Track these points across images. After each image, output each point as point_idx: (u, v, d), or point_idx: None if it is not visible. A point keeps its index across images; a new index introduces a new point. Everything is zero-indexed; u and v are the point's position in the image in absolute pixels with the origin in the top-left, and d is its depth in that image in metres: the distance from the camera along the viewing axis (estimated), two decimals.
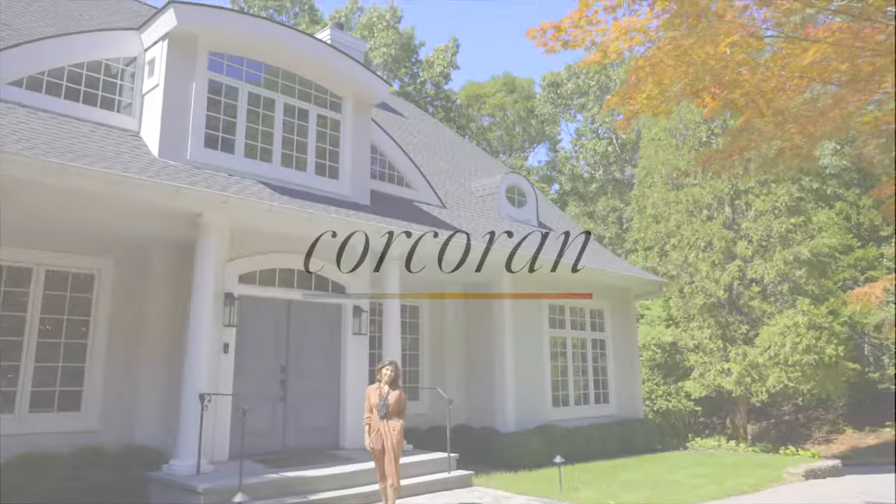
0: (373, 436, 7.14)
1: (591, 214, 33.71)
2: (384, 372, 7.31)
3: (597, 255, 16.12)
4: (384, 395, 7.18)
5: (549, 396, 13.33)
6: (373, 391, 7.31)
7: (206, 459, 8.05)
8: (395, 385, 7.33)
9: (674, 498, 8.74)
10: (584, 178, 35.77)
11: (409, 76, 35.85)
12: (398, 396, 7.27)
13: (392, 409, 7.20)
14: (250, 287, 9.36)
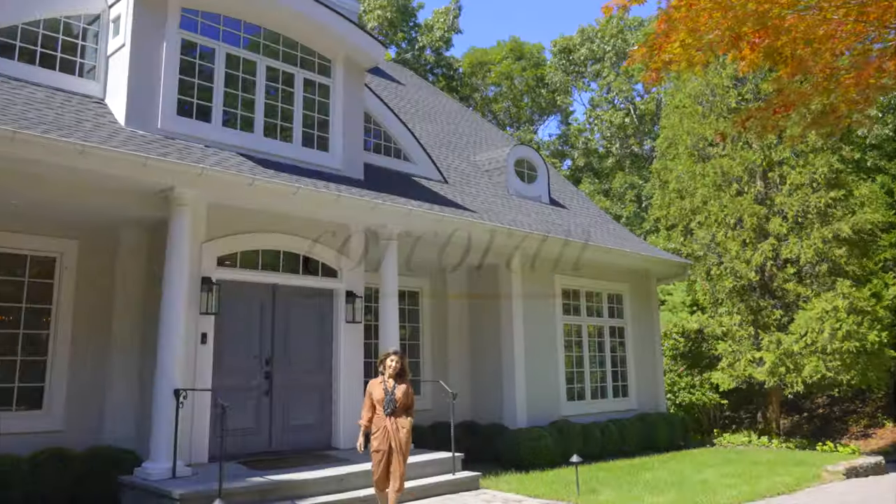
0: (377, 434, 6.82)
1: (606, 192, 33.32)
2: (388, 363, 7.00)
3: (614, 234, 15.79)
4: (390, 390, 6.88)
5: (562, 389, 13.09)
6: (376, 385, 6.99)
7: (182, 461, 7.80)
8: (401, 378, 7.03)
9: (703, 500, 8.48)
10: (599, 153, 35.34)
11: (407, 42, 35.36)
12: (406, 391, 6.98)
13: (400, 404, 6.90)
14: (231, 270, 9.07)
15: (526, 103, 38.03)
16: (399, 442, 6.79)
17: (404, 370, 7.08)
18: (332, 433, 9.79)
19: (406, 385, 7.01)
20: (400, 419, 6.87)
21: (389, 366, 6.99)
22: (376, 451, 6.82)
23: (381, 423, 6.85)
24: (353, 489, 8.03)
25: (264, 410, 9.24)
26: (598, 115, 34.10)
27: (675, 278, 16.34)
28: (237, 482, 7.38)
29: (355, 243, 10.39)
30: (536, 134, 38.45)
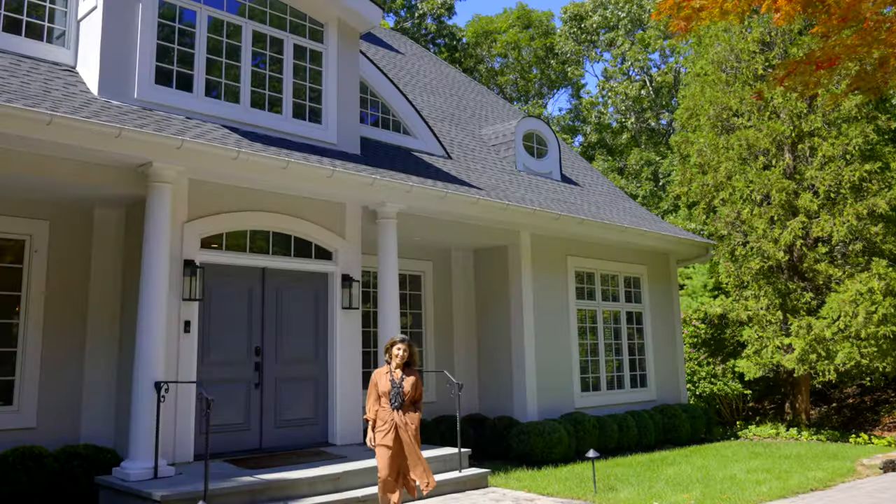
0: (383, 428, 6.56)
1: (620, 170, 32.96)
2: (395, 352, 6.76)
3: (630, 213, 15.52)
4: (397, 382, 6.65)
5: (576, 380, 12.89)
6: (381, 376, 6.74)
7: (165, 460, 7.60)
8: (409, 368, 6.79)
9: (731, 497, 8.24)
10: (613, 129, 34.92)
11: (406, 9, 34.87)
12: (414, 383, 6.74)
13: (408, 398, 6.68)
14: (216, 253, 8.82)
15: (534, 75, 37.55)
16: (409, 436, 6.57)
17: (413, 360, 6.84)
18: (328, 428, 9.58)
19: (415, 377, 6.78)
20: (408, 413, 6.65)
21: (396, 355, 6.75)
22: (383, 446, 6.55)
23: (387, 416, 6.62)
24: (351, 489, 7.82)
25: (254, 404, 9.02)
26: (611, 88, 33.65)
27: (697, 260, 16.08)
28: (224, 482, 7.16)
29: (351, 223, 10.15)
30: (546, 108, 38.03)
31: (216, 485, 7.00)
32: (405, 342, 6.78)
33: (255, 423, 9.00)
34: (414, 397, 6.73)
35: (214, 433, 8.51)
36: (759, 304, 13.90)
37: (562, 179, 15.38)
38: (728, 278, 14.64)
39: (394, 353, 6.77)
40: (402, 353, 6.73)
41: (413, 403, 6.72)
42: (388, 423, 6.58)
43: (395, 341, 6.80)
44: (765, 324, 13.88)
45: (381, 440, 6.55)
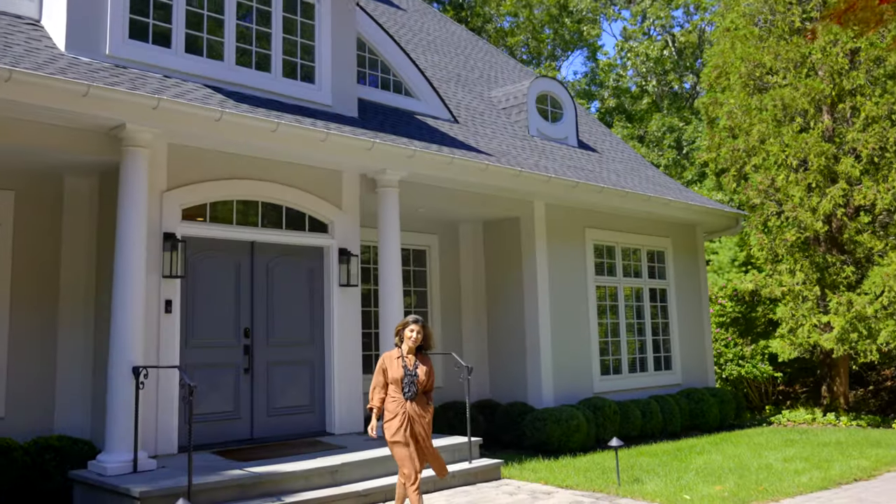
0: (394, 421, 6.16)
1: (641, 138, 32.44)
2: (408, 334, 6.36)
3: (654, 182, 15.15)
4: (411, 368, 6.29)
5: (595, 362, 12.64)
6: (392, 361, 6.35)
7: (146, 453, 7.36)
8: (422, 353, 6.45)
9: (768, 489, 7.96)
10: (632, 93, 34.34)
11: None
12: (429, 370, 6.40)
13: (423, 386, 6.33)
14: (199, 225, 8.52)
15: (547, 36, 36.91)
16: (424, 430, 6.24)
17: (428, 343, 6.46)
18: (326, 417, 9.35)
19: (430, 364, 6.44)
20: (422, 405, 6.31)
21: (409, 337, 6.35)
22: (400, 443, 6.15)
23: (398, 407, 6.22)
24: (350, 482, 7.58)
25: (244, 391, 8.77)
26: (631, 48, 33.04)
27: (726, 232, 15.77)
28: (211, 476, 6.91)
29: (349, 192, 9.84)
30: (559, 72, 37.45)
31: (201, 479, 6.75)
32: (419, 322, 6.39)
33: (246, 412, 8.75)
34: (427, 387, 6.42)
35: (200, 423, 8.26)
36: (794, 278, 13.54)
37: (578, 145, 15.01)
38: (760, 251, 14.27)
39: (406, 334, 6.38)
40: (415, 336, 6.33)
41: (425, 393, 6.38)
42: (399, 416, 6.19)
43: (407, 322, 6.41)
44: (800, 300, 13.53)
45: (396, 435, 6.14)
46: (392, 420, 6.19)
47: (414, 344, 6.33)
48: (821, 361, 15.29)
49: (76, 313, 8.44)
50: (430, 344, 6.48)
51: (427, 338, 6.44)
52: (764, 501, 7.56)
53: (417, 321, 6.39)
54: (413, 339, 6.33)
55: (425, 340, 6.44)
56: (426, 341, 6.45)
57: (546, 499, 7.70)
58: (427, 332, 6.44)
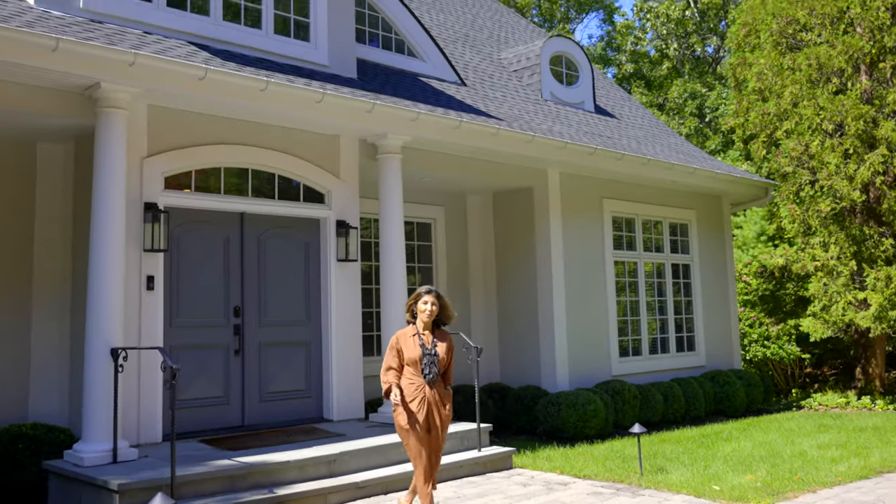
0: (414, 403, 5.78)
1: (660, 106, 31.95)
2: (422, 307, 5.92)
3: (676, 149, 14.77)
4: (429, 346, 5.87)
5: (614, 343, 12.37)
6: (407, 339, 5.91)
7: (127, 441, 7.10)
8: (440, 329, 6.04)
9: (804, 478, 7.67)
10: (651, 58, 33.77)
11: None
12: (448, 348, 5.97)
13: (443, 367, 5.94)
14: (183, 195, 8.21)
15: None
16: (441, 422, 5.84)
17: (447, 314, 6.01)
18: (323, 402, 9.10)
19: (449, 341, 6.01)
20: (443, 391, 5.91)
21: (423, 311, 5.88)
22: (414, 431, 5.77)
23: (417, 390, 5.81)
24: (349, 472, 7.32)
25: (234, 374, 8.49)
26: (650, 9, 32.41)
27: (754, 203, 15.42)
28: (197, 466, 6.65)
29: (347, 159, 9.52)
30: (574, 36, 36.85)
31: (186, 470, 6.49)
32: (433, 293, 5.94)
33: (236, 397, 8.49)
34: (447, 367, 5.99)
35: (186, 409, 8.01)
36: (828, 252, 13.17)
37: (595, 111, 14.62)
38: (792, 224, 13.88)
39: (420, 308, 5.91)
40: (430, 308, 5.86)
41: (443, 376, 5.97)
42: (418, 400, 5.78)
43: (420, 294, 5.95)
44: (835, 276, 13.15)
45: (407, 420, 5.77)
46: (409, 404, 5.78)
47: (429, 318, 5.87)
48: (854, 341, 14.96)
49: (51, 292, 8.15)
50: (448, 316, 6.00)
51: (444, 309, 5.97)
52: (800, 492, 7.26)
53: (431, 291, 5.95)
54: (428, 313, 5.87)
55: (442, 313, 5.96)
56: (443, 314, 5.97)
57: (562, 490, 7.42)
58: (443, 302, 5.99)
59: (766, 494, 7.08)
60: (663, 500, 6.98)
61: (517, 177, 11.51)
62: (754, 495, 7.03)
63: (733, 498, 6.96)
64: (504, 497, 7.17)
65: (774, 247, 16.75)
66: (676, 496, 7.10)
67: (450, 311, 6.01)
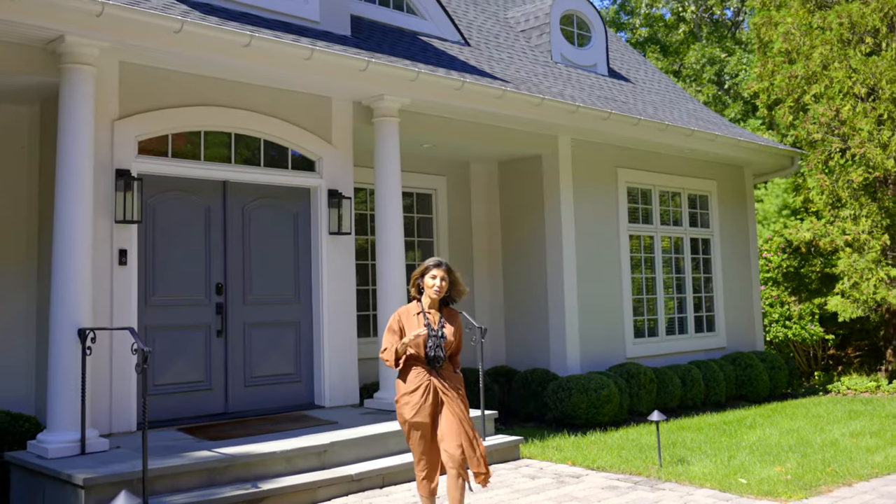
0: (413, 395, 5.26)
1: (676, 73, 31.38)
2: (428, 282, 5.38)
3: (695, 116, 14.32)
4: (436, 327, 5.36)
5: (628, 323, 12.03)
6: (410, 318, 5.38)
7: (97, 431, 6.77)
8: (448, 308, 5.51)
9: (838, 470, 7.31)
10: (667, 21, 33.14)
11: None
12: (457, 330, 5.42)
13: (452, 350, 5.43)
14: (159, 161, 7.81)
15: None
16: (460, 410, 5.25)
17: (457, 290, 5.47)
18: (314, 387, 8.76)
19: (458, 320, 5.49)
20: (452, 376, 5.36)
21: (431, 286, 5.35)
22: (419, 424, 5.24)
23: (420, 378, 5.28)
24: (342, 464, 6.99)
25: (217, 357, 8.13)
26: None
27: (778, 173, 15.01)
28: (173, 458, 6.30)
29: (340, 123, 9.12)
30: None
31: (161, 462, 6.14)
32: (442, 266, 5.40)
33: (219, 381, 8.13)
34: (455, 348, 5.46)
35: (164, 395, 7.67)
36: (859, 226, 12.74)
37: (609, 74, 14.16)
38: (820, 195, 13.44)
39: (427, 283, 5.37)
40: (439, 284, 5.33)
41: (451, 359, 5.47)
42: (420, 389, 5.24)
43: (427, 266, 5.42)
44: (866, 251, 12.73)
45: (417, 415, 5.21)
46: (412, 394, 5.27)
47: (437, 295, 5.34)
48: (885, 321, 14.57)
49: (15, 267, 7.77)
50: (459, 292, 5.45)
51: (454, 285, 5.44)
52: (834, 486, 6.90)
53: (440, 264, 5.40)
54: (436, 289, 5.33)
55: (452, 289, 5.43)
56: (453, 290, 5.44)
57: (574, 483, 7.06)
58: (454, 277, 5.43)
59: (797, 488, 6.72)
60: (686, 494, 6.62)
61: (525, 144, 11.09)
62: (785, 489, 6.67)
63: (762, 492, 6.60)
64: (511, 491, 6.82)
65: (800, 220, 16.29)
66: (700, 490, 6.74)
67: (461, 286, 5.47)
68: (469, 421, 5.27)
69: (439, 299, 5.40)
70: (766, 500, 6.45)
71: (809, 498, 6.49)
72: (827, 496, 6.57)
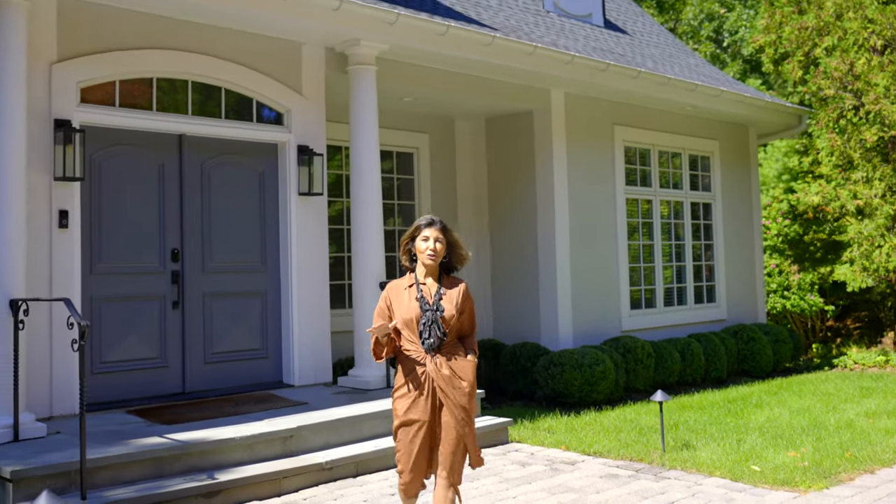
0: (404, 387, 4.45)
1: (673, 30, 30.70)
2: (421, 245, 4.48)
3: (696, 71, 13.75)
4: (431, 301, 4.46)
5: (624, 294, 11.59)
6: (399, 294, 4.52)
7: (33, 414, 6.20)
8: (450, 276, 4.62)
9: (857, 456, 6.89)
10: None
11: None
12: (460, 300, 4.51)
13: (453, 328, 4.48)
14: (105, 110, 7.17)
15: None
16: (461, 406, 4.41)
17: (458, 254, 4.57)
18: (283, 363, 8.24)
19: (463, 291, 4.55)
20: (454, 358, 4.46)
21: (424, 250, 4.46)
22: (411, 422, 4.43)
23: (412, 364, 4.44)
24: (309, 450, 6.48)
25: (173, 331, 7.56)
26: None
27: (784, 133, 14.54)
28: (116, 446, 5.75)
29: (311, 72, 8.50)
30: None
31: (104, 451, 5.59)
32: (437, 225, 4.49)
33: (176, 358, 7.56)
34: (463, 327, 4.57)
35: (113, 373, 7.12)
36: (872, 189, 12.26)
37: (605, 25, 13.55)
38: (829, 157, 12.94)
39: (419, 246, 4.49)
40: (433, 247, 4.45)
41: (461, 340, 4.58)
42: (412, 379, 4.42)
43: (419, 227, 4.52)
44: (879, 216, 12.27)
45: (409, 411, 4.40)
46: (402, 387, 4.46)
47: (432, 260, 4.46)
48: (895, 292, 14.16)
49: None
50: (459, 257, 4.57)
51: (453, 248, 4.54)
52: (855, 473, 6.45)
53: (433, 223, 4.49)
54: (430, 253, 4.44)
55: (451, 253, 4.55)
56: (453, 254, 4.55)
57: (569, 471, 6.58)
58: (451, 237, 4.53)
59: (815, 476, 6.26)
60: (694, 484, 6.15)
61: (515, 98, 10.51)
62: (802, 478, 6.21)
63: (777, 482, 6.14)
64: (499, 480, 6.33)
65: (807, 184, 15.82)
66: (709, 479, 6.27)
67: (461, 250, 4.57)
68: (471, 427, 4.45)
69: (437, 266, 4.53)
70: (783, 490, 5.99)
71: (830, 488, 6.03)
72: (848, 485, 6.12)
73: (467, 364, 4.49)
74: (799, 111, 13.65)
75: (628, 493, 5.92)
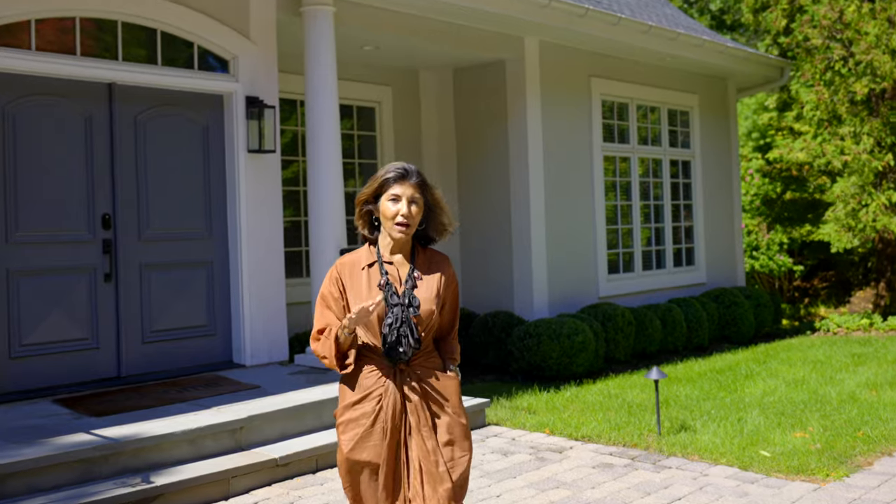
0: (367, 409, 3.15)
1: None
2: (389, 208, 3.13)
3: (674, 21, 13.03)
4: (405, 287, 3.17)
5: (602, 258, 10.99)
6: (356, 275, 3.21)
7: None
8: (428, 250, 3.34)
9: (870, 435, 6.32)
10: None
11: None
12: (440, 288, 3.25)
13: (430, 328, 3.22)
14: (18, 55, 6.23)
15: None
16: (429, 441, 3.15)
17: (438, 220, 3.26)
18: (232, 341, 7.42)
19: (447, 272, 3.30)
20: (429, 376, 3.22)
21: (394, 216, 3.13)
22: (362, 463, 3.13)
23: (371, 381, 3.17)
24: (262, 443, 5.73)
25: (105, 308, 6.69)
26: None
27: (765, 87, 13.97)
28: (33, 446, 4.94)
29: (260, 14, 7.61)
30: None
31: (16, 453, 4.77)
32: (413, 179, 3.15)
33: (109, 339, 6.70)
34: (442, 326, 3.34)
35: (36, 356, 6.27)
36: (860, 145, 11.68)
37: None
38: (814, 111, 12.33)
39: (385, 209, 3.14)
40: (407, 210, 3.12)
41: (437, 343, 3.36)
42: (372, 402, 3.15)
43: (386, 179, 3.16)
44: (865, 173, 11.72)
45: (357, 448, 3.12)
46: (355, 407, 3.17)
47: (403, 232, 3.15)
48: (878, 252, 13.74)
49: None
50: (440, 226, 3.27)
51: (433, 211, 3.25)
52: (873, 456, 5.87)
53: (407, 174, 3.15)
54: (402, 220, 3.12)
55: (431, 219, 3.26)
56: (432, 220, 3.27)
57: (558, 461, 5.89)
58: (433, 197, 3.23)
59: (830, 461, 5.66)
60: (699, 475, 5.49)
61: (485, 47, 9.70)
62: (818, 464, 5.59)
63: (792, 469, 5.52)
64: (479, 474, 5.63)
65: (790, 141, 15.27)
66: (715, 468, 5.63)
67: (444, 215, 3.27)
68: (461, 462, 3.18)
69: (410, 238, 3.25)
70: (799, 479, 5.37)
71: (851, 475, 5.43)
72: (869, 472, 5.52)
73: (449, 382, 3.26)
74: (782, 63, 13.03)
75: (627, 488, 5.25)
